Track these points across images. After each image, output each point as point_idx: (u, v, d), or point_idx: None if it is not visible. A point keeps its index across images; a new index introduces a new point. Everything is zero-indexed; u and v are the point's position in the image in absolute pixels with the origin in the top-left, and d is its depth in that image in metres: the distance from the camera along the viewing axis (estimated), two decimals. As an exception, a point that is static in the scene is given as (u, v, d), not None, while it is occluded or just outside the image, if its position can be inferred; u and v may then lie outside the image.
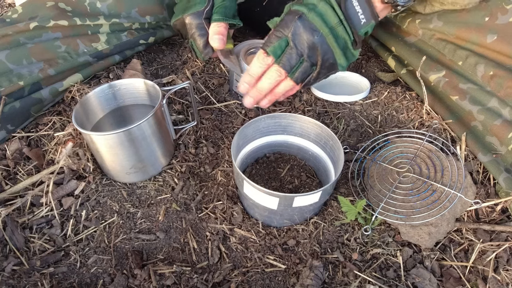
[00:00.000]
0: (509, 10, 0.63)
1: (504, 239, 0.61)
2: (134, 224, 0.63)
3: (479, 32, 0.66)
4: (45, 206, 0.63)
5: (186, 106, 0.80)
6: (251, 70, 0.65)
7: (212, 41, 0.74)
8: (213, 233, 0.61)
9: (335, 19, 0.59)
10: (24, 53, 0.71)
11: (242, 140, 0.64)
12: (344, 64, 0.63)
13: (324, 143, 0.65)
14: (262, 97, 0.67)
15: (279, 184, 0.68)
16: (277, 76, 0.63)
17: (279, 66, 0.62)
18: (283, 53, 0.61)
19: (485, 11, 0.66)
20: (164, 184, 0.68)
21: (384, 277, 0.57)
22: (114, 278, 0.56)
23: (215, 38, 0.73)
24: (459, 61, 0.70)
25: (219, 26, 0.73)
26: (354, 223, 0.62)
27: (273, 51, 0.61)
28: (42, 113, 0.77)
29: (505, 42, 0.63)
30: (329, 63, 0.62)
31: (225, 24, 0.74)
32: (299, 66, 0.62)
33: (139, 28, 0.84)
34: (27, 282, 0.55)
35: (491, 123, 0.65)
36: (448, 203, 0.60)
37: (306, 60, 0.61)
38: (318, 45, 0.59)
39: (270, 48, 0.61)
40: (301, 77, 0.63)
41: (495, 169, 0.65)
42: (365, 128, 0.78)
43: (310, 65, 0.62)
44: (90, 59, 0.79)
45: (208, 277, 0.57)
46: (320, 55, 0.61)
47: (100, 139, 0.59)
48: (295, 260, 0.58)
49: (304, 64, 0.61)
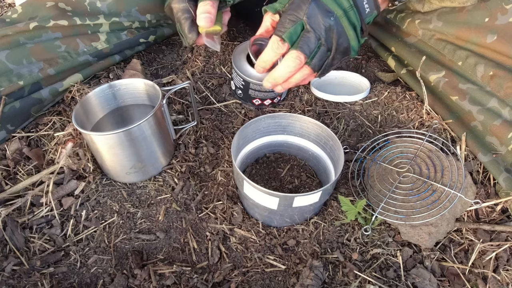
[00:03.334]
0: (509, 10, 0.63)
1: (504, 239, 0.61)
2: (134, 224, 0.63)
3: (479, 32, 0.66)
4: (45, 206, 0.63)
5: (186, 106, 0.80)
6: (264, 57, 0.61)
7: (199, 20, 0.67)
8: (213, 233, 0.61)
9: (347, 3, 0.57)
10: (24, 53, 0.71)
11: (242, 140, 0.64)
12: (357, 47, 0.61)
13: (324, 143, 0.65)
14: (276, 85, 0.63)
15: (279, 184, 0.68)
16: (297, 64, 0.58)
17: (298, 51, 0.57)
18: (299, 38, 0.57)
19: (484, 11, 0.66)
20: (164, 184, 0.68)
21: (384, 277, 0.57)
22: (114, 278, 0.56)
23: (201, 17, 0.66)
24: (459, 62, 0.70)
25: (205, 5, 0.66)
26: (354, 223, 0.62)
27: (289, 37, 0.56)
28: (42, 113, 0.77)
29: (505, 42, 0.63)
30: (343, 47, 0.60)
31: (212, 2, 0.67)
32: (317, 52, 0.58)
33: (139, 27, 0.84)
34: (27, 282, 0.55)
35: (491, 123, 0.65)
36: (448, 203, 0.60)
37: (323, 44, 0.57)
38: (334, 27, 0.57)
39: (286, 34, 0.56)
40: (319, 64, 0.59)
41: (495, 169, 0.65)
42: (365, 128, 0.78)
43: (326, 50, 0.59)
44: (90, 58, 0.79)
45: (208, 277, 0.57)
46: (335, 39, 0.58)
47: (100, 139, 0.59)
48: (295, 260, 0.58)
49: (321, 49, 0.58)
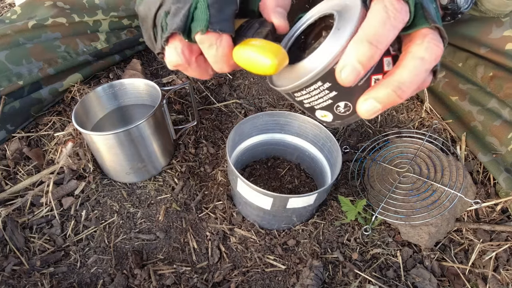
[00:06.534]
0: (505, 23, 0.63)
1: (504, 239, 0.61)
2: (134, 224, 0.63)
3: (473, 44, 0.66)
4: (45, 206, 0.63)
5: (186, 106, 0.80)
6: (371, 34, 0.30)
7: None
8: (213, 233, 0.61)
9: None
10: (24, 53, 0.71)
11: (238, 137, 0.63)
12: None
13: (322, 144, 0.64)
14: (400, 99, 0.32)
15: (279, 184, 0.68)
16: (438, 48, 0.31)
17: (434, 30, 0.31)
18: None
19: (479, 23, 0.65)
20: (164, 184, 0.68)
21: (384, 277, 0.57)
22: (114, 278, 0.56)
23: None
24: (459, 63, 0.70)
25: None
26: (354, 223, 0.62)
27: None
28: (42, 113, 0.77)
29: (500, 54, 0.63)
30: None
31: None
32: None
33: (139, 26, 0.84)
34: (27, 282, 0.55)
35: (490, 124, 0.66)
36: (448, 203, 0.60)
37: None
38: None
39: None
40: None
41: (495, 169, 0.65)
42: (365, 128, 0.78)
43: None
44: (90, 58, 0.79)
45: (208, 277, 0.57)
46: None
47: (100, 139, 0.59)
48: (295, 260, 0.58)
49: None
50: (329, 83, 0.32)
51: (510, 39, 0.61)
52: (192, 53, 0.38)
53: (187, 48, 0.37)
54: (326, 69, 0.31)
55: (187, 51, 0.37)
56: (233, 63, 0.37)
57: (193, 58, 0.38)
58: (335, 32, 0.32)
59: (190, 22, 0.35)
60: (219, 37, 0.35)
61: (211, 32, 0.34)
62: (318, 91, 0.33)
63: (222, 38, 0.35)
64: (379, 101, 0.31)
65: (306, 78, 0.32)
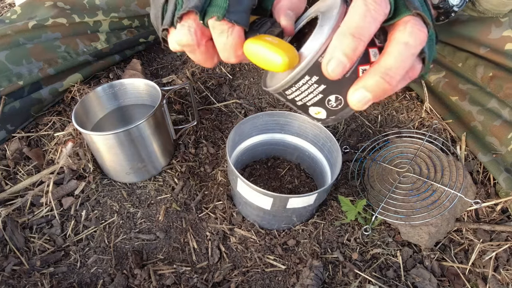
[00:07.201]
0: (504, 23, 0.63)
1: (504, 239, 0.61)
2: (134, 224, 0.63)
3: (473, 44, 0.66)
4: (45, 206, 0.63)
5: (186, 106, 0.80)
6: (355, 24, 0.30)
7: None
8: (213, 233, 0.61)
9: None
10: (24, 53, 0.71)
11: (238, 137, 0.63)
12: None
13: (322, 144, 0.64)
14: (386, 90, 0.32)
15: (279, 184, 0.68)
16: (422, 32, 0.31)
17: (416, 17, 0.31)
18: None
19: (478, 23, 0.65)
20: (164, 184, 0.68)
21: (384, 277, 0.57)
22: (114, 278, 0.56)
23: None
24: (458, 63, 0.70)
25: None
26: (354, 223, 0.62)
27: None
28: (42, 113, 0.77)
29: (499, 54, 0.63)
30: None
31: None
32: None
33: (139, 26, 0.84)
34: (27, 282, 0.55)
35: (490, 124, 0.66)
36: (448, 203, 0.60)
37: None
38: None
39: None
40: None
41: (495, 169, 0.65)
42: (365, 128, 0.78)
43: None
44: (90, 58, 0.79)
45: (208, 277, 0.57)
46: None
47: (100, 139, 0.59)
48: (295, 260, 0.58)
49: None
50: (317, 76, 0.33)
51: (509, 39, 0.61)
52: (204, 35, 0.37)
53: (200, 29, 0.36)
54: (311, 62, 0.32)
55: (200, 32, 0.37)
56: (240, 54, 0.37)
57: (204, 41, 0.38)
58: (318, 29, 0.34)
59: (207, 6, 0.35)
60: (232, 27, 0.35)
61: (226, 20, 0.34)
62: (307, 86, 0.34)
63: (235, 28, 0.35)
64: (369, 89, 0.31)
65: (293, 73, 0.33)
